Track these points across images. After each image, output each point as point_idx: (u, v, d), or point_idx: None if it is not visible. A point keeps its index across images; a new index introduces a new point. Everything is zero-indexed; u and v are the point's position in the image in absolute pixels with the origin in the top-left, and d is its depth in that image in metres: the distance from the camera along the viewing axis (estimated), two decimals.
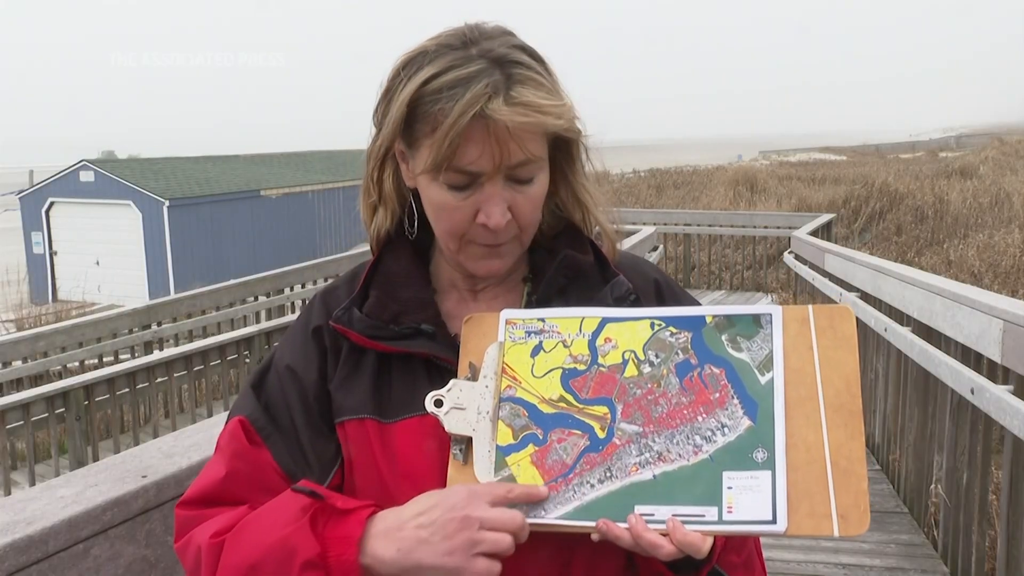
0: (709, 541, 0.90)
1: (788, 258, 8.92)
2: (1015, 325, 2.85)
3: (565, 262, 1.08)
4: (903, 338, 3.91)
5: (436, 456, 1.02)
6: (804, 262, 8.12)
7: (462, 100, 0.94)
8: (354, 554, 0.92)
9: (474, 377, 1.01)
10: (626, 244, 7.94)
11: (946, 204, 15.78)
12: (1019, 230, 12.68)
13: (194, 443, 1.75)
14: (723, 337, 0.97)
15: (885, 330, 4.23)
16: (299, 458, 1.06)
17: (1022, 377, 2.84)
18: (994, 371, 3.07)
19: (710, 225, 12.89)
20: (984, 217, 15.13)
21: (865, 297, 5.10)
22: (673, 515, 0.91)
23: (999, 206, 15.95)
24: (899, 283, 4.30)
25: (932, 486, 3.75)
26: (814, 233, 9.99)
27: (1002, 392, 2.78)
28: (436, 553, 0.90)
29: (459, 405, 0.99)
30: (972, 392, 2.98)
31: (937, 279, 4.06)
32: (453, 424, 0.99)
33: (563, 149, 1.07)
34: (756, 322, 0.97)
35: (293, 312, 9.77)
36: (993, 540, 3.21)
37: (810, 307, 0.97)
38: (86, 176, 22.20)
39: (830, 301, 6.11)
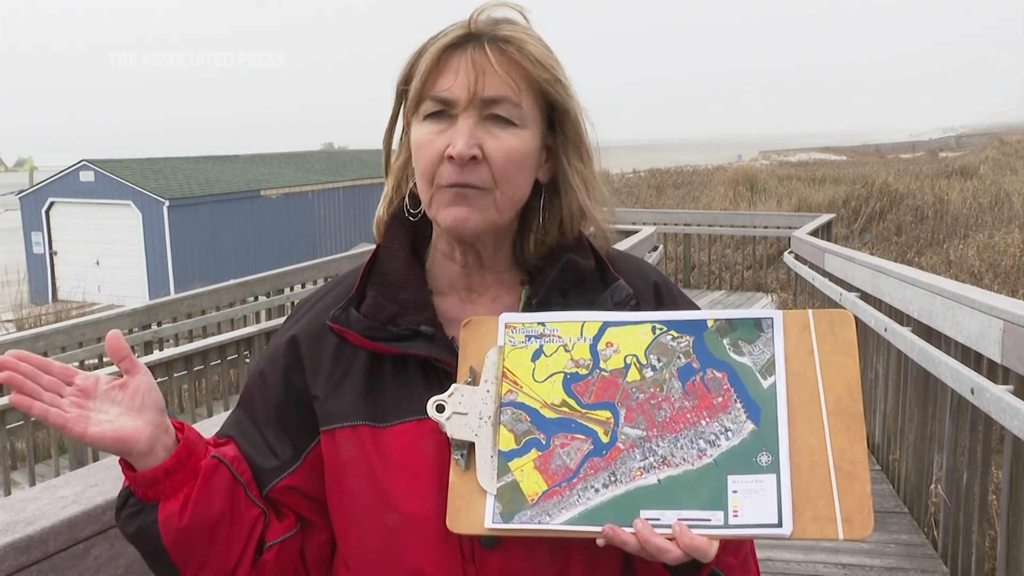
0: (715, 545, 0.90)
1: (788, 258, 8.92)
2: (1015, 325, 2.85)
3: (566, 266, 1.07)
4: (903, 338, 3.91)
5: (434, 460, 1.01)
6: (804, 262, 8.12)
7: (447, 34, 1.02)
8: None
9: (475, 381, 1.00)
10: (626, 244, 7.94)
11: (946, 204, 15.78)
12: (1019, 230, 12.67)
13: None
14: (725, 341, 0.97)
15: (885, 330, 4.23)
16: (263, 450, 1.10)
17: (1022, 377, 2.84)
18: (994, 371, 3.07)
19: (710, 225, 12.89)
20: (984, 217, 15.12)
21: (865, 297, 5.10)
22: (679, 519, 0.91)
23: (999, 206, 15.94)
24: (899, 283, 4.30)
25: (932, 486, 3.74)
26: (814, 233, 9.99)
27: (1002, 392, 2.78)
28: None
29: (461, 410, 0.99)
30: (972, 392, 2.98)
31: (937, 279, 4.05)
32: (455, 429, 0.98)
33: (559, 128, 1.07)
34: (757, 326, 0.97)
35: None
36: (993, 540, 3.21)
37: (810, 312, 0.97)
38: (86, 176, 22.19)
39: (830, 301, 6.10)
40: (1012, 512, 2.85)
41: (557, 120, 1.06)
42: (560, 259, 1.08)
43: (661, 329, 0.99)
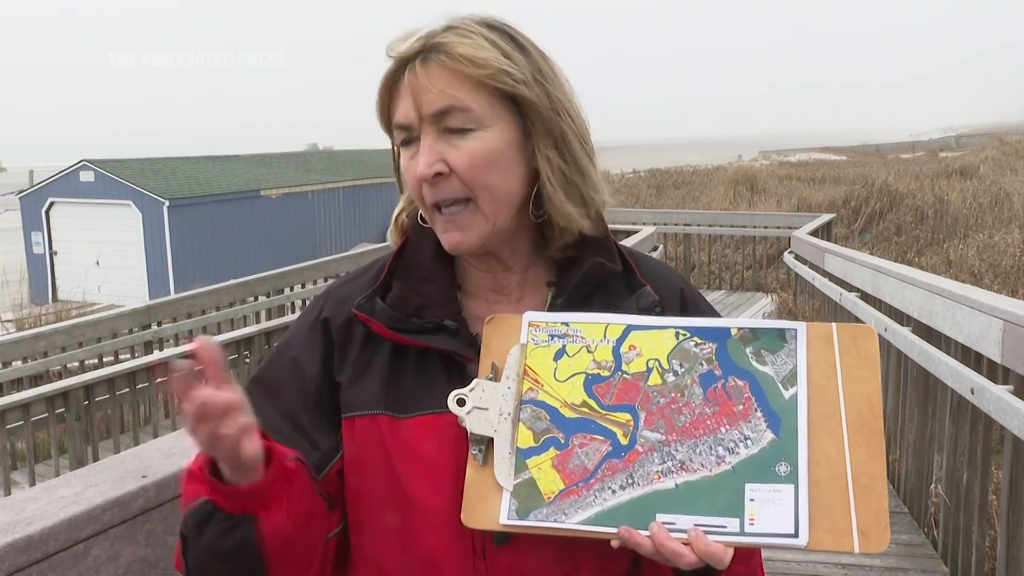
0: (731, 552, 0.90)
1: (788, 258, 8.92)
2: (1015, 325, 2.85)
3: (592, 269, 1.07)
4: (903, 338, 3.91)
5: (451, 454, 1.01)
6: (804, 262, 8.12)
7: (390, 63, 1.03)
8: (204, 458, 0.95)
9: (496, 378, 1.01)
10: (626, 244, 7.89)
11: (946, 204, 15.78)
12: (1019, 230, 12.68)
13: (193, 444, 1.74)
14: (747, 350, 0.97)
15: (885, 330, 4.23)
16: (302, 444, 1.06)
17: (1022, 377, 2.84)
18: (994, 371, 3.07)
19: (710, 225, 12.89)
20: (984, 217, 15.13)
21: (865, 297, 5.10)
22: (695, 525, 0.91)
23: (999, 206, 15.95)
24: (899, 283, 4.30)
25: (932, 486, 3.75)
26: (814, 233, 9.99)
27: (1002, 392, 2.78)
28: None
29: (481, 405, 0.99)
30: (972, 392, 2.98)
31: (937, 279, 4.06)
32: (475, 424, 0.99)
33: (526, 116, 1.04)
34: (781, 337, 0.97)
35: (293, 312, 9.76)
36: (993, 540, 3.21)
37: (834, 325, 0.98)
38: (86, 176, 22.18)
39: (830, 301, 6.10)
40: (1012, 512, 2.85)
41: (522, 109, 1.03)
42: (586, 262, 1.07)
43: (684, 335, 0.99)
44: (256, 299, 9.73)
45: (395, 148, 1.09)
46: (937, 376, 3.45)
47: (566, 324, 1.02)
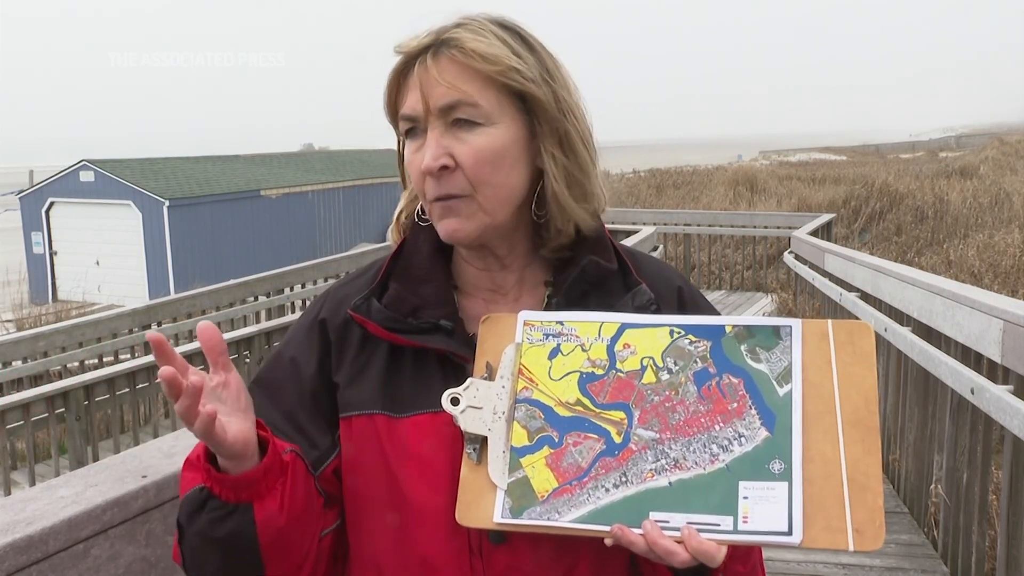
0: (724, 550, 0.90)
1: (788, 258, 8.92)
2: (1015, 325, 2.85)
3: (588, 268, 1.07)
4: (903, 338, 3.91)
5: (448, 453, 1.02)
6: (804, 262, 8.12)
7: (401, 53, 1.03)
8: (203, 446, 0.96)
9: (491, 377, 1.01)
10: (626, 244, 7.91)
11: (946, 204, 15.78)
12: (1019, 230, 12.67)
13: (194, 443, 1.74)
14: (742, 347, 0.97)
15: (885, 330, 4.23)
16: (299, 441, 1.06)
17: (1022, 377, 2.84)
18: (994, 371, 3.07)
19: (710, 225, 12.89)
20: (984, 217, 15.12)
21: (865, 297, 5.10)
22: (688, 523, 0.91)
23: (999, 206, 15.94)
24: (899, 283, 4.30)
25: (932, 486, 3.75)
26: (814, 233, 9.99)
27: (1002, 392, 2.78)
28: None
29: (475, 404, 0.99)
30: (972, 392, 2.98)
31: (937, 279, 4.05)
32: (469, 423, 0.99)
33: (533, 114, 1.04)
34: (776, 334, 0.97)
35: (293, 312, 9.76)
36: (993, 540, 3.21)
37: (829, 322, 0.97)
38: (86, 176, 22.18)
39: (830, 301, 6.10)
40: (1012, 512, 2.85)
41: (529, 107, 1.04)
42: (582, 260, 1.07)
43: (679, 333, 0.99)
44: (256, 299, 9.73)
45: (400, 143, 1.09)
46: (937, 376, 3.45)
47: (560, 323, 1.02)
